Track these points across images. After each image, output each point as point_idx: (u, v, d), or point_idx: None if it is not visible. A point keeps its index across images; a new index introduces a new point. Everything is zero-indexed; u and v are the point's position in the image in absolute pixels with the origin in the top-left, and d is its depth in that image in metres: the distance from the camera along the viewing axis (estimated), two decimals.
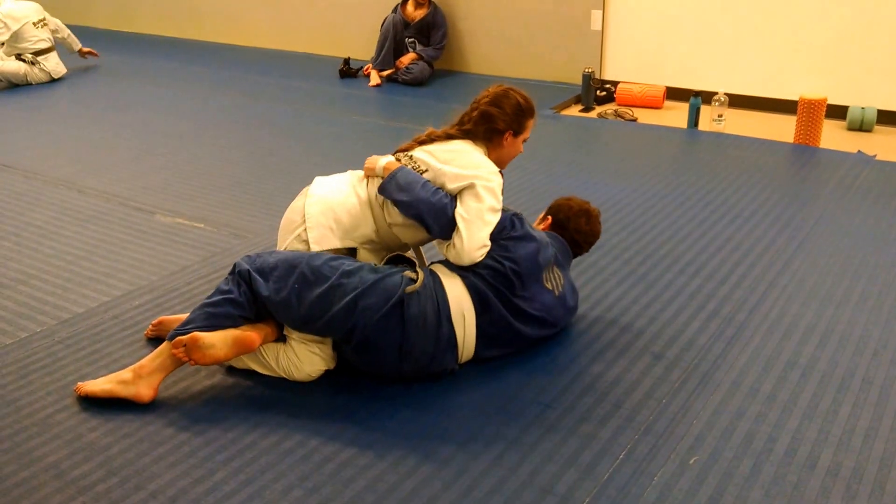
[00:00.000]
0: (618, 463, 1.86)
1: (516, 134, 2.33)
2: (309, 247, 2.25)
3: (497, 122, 2.29)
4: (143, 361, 2.10)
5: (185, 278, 2.81)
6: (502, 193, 2.25)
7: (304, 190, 2.39)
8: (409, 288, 2.05)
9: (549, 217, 2.45)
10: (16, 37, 5.81)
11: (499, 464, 1.86)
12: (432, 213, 2.17)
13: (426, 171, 2.25)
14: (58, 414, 2.07)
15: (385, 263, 2.26)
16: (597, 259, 2.90)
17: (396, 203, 2.21)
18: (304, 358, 2.16)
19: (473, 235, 2.15)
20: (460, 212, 2.17)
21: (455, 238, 2.16)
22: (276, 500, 1.76)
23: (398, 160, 2.30)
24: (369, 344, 2.07)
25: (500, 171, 2.30)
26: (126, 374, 2.09)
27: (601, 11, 5.29)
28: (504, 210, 2.25)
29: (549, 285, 2.24)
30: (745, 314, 2.51)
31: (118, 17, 8.07)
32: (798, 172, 3.88)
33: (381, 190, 2.24)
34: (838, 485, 1.78)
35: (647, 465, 1.85)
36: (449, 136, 2.34)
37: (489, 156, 2.32)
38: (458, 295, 2.12)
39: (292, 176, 3.88)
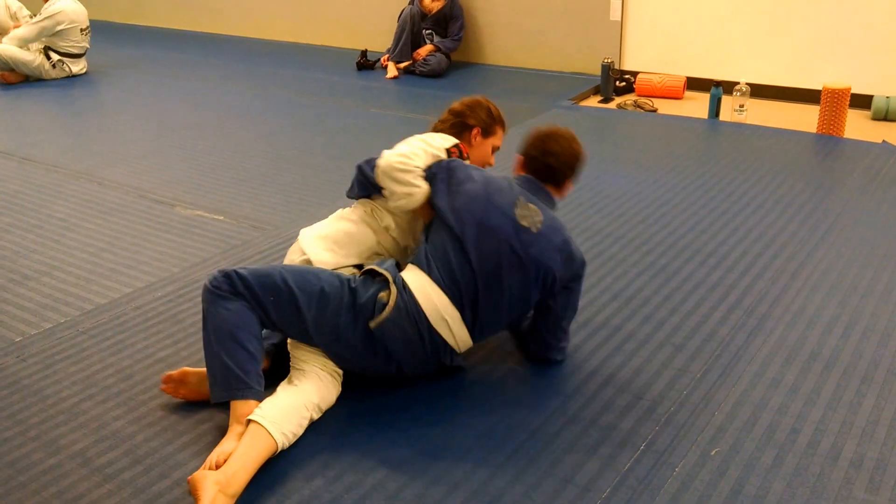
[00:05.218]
0: (638, 454, 1.85)
1: (485, 134, 2.43)
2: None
3: (467, 118, 2.43)
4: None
5: (205, 270, 2.82)
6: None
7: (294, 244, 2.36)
8: (373, 323, 1.97)
9: (518, 156, 2.30)
10: (60, 34, 5.67)
11: (519, 454, 1.86)
12: (368, 162, 2.27)
13: None
14: (83, 403, 2.09)
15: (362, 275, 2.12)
16: (617, 250, 2.89)
17: (360, 170, 2.31)
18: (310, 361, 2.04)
19: (395, 148, 2.18)
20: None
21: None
22: (298, 488, 1.77)
23: None
24: (363, 367, 2.06)
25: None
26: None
27: (620, 1, 5.26)
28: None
29: (524, 223, 2.09)
30: (766, 305, 2.49)
31: (133, 12, 8.12)
32: (821, 163, 3.84)
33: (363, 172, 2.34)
34: (861, 476, 1.77)
35: (668, 456, 1.84)
36: None
37: None
38: (433, 302, 2.01)
39: (310, 168, 3.90)
